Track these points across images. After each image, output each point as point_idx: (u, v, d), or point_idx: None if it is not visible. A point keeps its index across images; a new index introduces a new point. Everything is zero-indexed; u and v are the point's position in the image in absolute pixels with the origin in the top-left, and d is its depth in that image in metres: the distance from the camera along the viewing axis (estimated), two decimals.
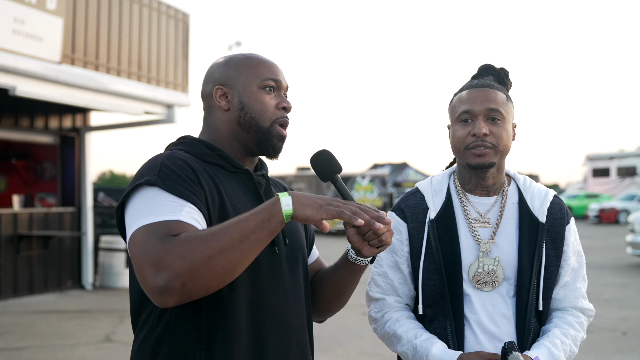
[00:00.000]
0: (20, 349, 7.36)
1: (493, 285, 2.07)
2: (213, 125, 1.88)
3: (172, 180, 1.65)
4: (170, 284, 1.48)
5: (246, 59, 1.88)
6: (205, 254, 1.48)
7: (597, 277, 13.34)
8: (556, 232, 2.13)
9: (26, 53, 8.42)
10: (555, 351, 2.02)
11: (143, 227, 1.56)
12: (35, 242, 11.01)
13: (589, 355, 7.13)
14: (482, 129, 2.03)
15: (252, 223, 1.53)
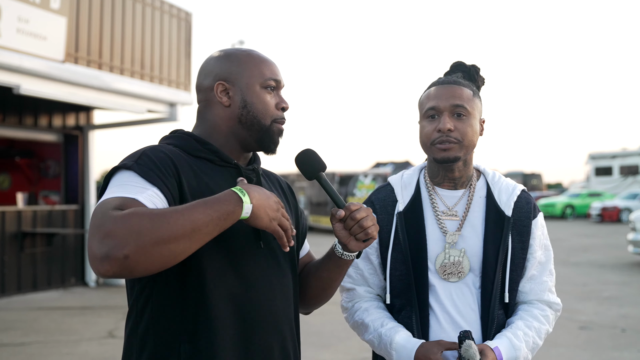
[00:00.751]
0: (25, 345, 7.44)
1: (459, 276, 2.12)
2: (210, 120, 1.88)
3: (147, 167, 1.67)
4: (113, 253, 1.45)
5: (248, 57, 1.89)
6: (155, 236, 1.47)
7: (598, 275, 13.39)
8: (522, 225, 2.17)
9: (30, 52, 8.49)
10: (517, 342, 2.05)
11: (102, 200, 1.58)
12: (39, 240, 11.10)
13: (588, 351, 7.18)
14: (447, 125, 2.08)
15: (207, 217, 1.53)
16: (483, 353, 1.99)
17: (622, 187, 37.22)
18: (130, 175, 1.66)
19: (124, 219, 1.48)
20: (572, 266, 14.97)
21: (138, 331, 1.73)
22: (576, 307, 9.87)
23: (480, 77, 2.25)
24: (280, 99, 1.90)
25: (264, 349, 1.78)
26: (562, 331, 8.21)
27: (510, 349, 2.05)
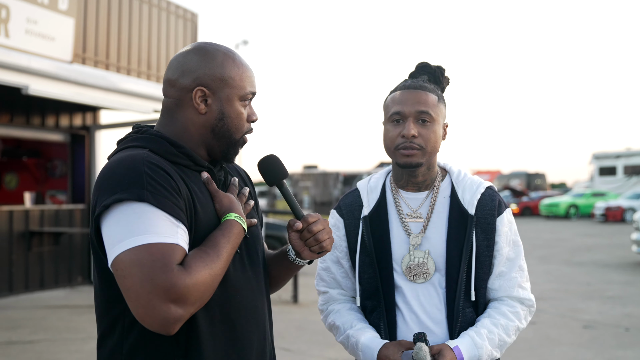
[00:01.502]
0: (33, 342, 7.52)
1: (425, 277, 2.15)
2: (181, 122, 1.80)
3: (161, 195, 1.60)
4: (186, 315, 1.54)
5: (232, 65, 1.81)
6: (212, 278, 1.59)
7: (602, 275, 13.42)
8: (487, 223, 2.17)
9: (39, 53, 8.58)
10: (479, 340, 2.07)
11: (145, 246, 1.53)
12: (46, 239, 11.18)
13: (591, 350, 7.23)
14: (411, 131, 2.11)
15: (232, 250, 1.68)
16: (441, 353, 2.02)
17: (626, 187, 37.18)
18: (147, 208, 1.58)
19: (189, 276, 1.53)
20: (575, 266, 15.01)
21: (124, 349, 1.69)
22: (580, 306, 9.92)
23: (445, 78, 2.26)
24: (252, 112, 1.87)
25: (252, 349, 1.82)
26: (565, 330, 8.27)
27: (472, 347, 2.06)
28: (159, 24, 10.97)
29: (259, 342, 1.85)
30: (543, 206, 36.79)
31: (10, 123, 11.11)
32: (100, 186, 1.65)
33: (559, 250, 18.56)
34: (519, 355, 7.01)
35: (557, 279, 12.92)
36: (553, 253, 17.87)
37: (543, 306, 9.86)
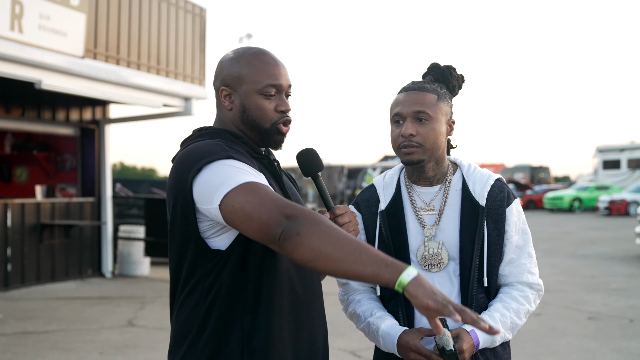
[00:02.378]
0: (48, 332, 7.66)
1: (439, 267, 2.27)
2: (222, 119, 2.07)
3: (241, 160, 1.86)
4: (291, 228, 1.67)
5: (250, 61, 2.02)
6: (326, 230, 1.68)
7: (606, 267, 13.53)
8: (497, 213, 2.29)
9: (51, 48, 8.69)
10: (492, 323, 2.19)
11: (249, 183, 1.76)
12: (57, 231, 11.32)
13: (596, 340, 7.35)
14: (408, 130, 2.23)
15: (372, 257, 1.65)
16: (459, 336, 2.13)
17: (630, 180, 37.23)
18: (237, 163, 1.84)
19: (304, 212, 1.70)
20: (580, 258, 15.12)
21: (203, 307, 1.91)
22: (584, 298, 10.04)
23: (454, 77, 2.36)
24: (280, 102, 2.03)
25: (308, 316, 2.03)
26: (571, 321, 8.38)
27: None
28: (168, 19, 11.08)
29: (314, 319, 2.05)
30: (547, 199, 36.86)
31: (21, 117, 11.25)
32: (184, 163, 1.89)
33: (564, 244, 18.66)
34: (525, 346, 7.13)
35: (562, 271, 13.04)
36: (558, 246, 17.98)
37: (548, 298, 9.97)
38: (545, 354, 6.82)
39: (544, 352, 6.92)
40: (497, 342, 2.24)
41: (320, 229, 1.67)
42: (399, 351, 2.21)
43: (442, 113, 2.29)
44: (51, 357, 6.58)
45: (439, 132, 2.27)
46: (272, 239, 1.71)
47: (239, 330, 1.89)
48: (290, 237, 1.68)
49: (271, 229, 1.71)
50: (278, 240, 1.69)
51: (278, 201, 1.73)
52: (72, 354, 6.71)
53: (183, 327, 1.96)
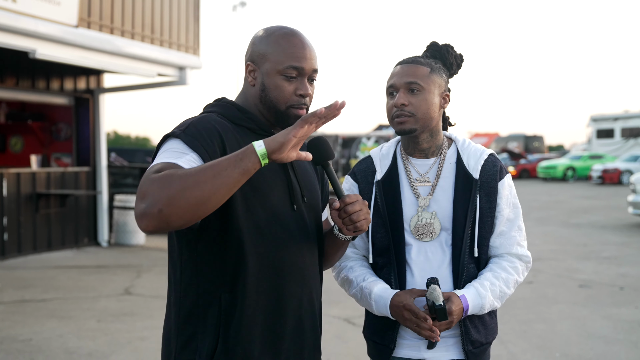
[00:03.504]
0: (46, 301, 7.74)
1: (431, 236, 2.34)
2: (245, 93, 2.10)
3: (192, 136, 1.87)
4: (148, 210, 1.66)
5: (278, 41, 2.03)
6: (181, 186, 1.65)
7: (598, 236, 13.66)
8: (489, 187, 2.36)
9: (45, 17, 8.66)
10: (482, 291, 2.28)
11: (149, 168, 1.79)
12: (52, 201, 11.37)
13: (587, 308, 7.47)
14: (400, 100, 2.30)
15: (225, 162, 1.70)
16: (449, 299, 2.22)
17: (624, 150, 37.33)
18: (175, 142, 1.88)
19: (159, 179, 1.68)
20: (572, 227, 15.25)
21: (182, 281, 1.97)
22: (576, 266, 10.16)
23: (451, 55, 2.43)
24: (300, 86, 2.03)
25: (294, 299, 2.03)
26: (562, 289, 8.50)
27: (476, 297, 2.27)
28: None
29: (300, 299, 2.05)
30: (540, 168, 36.97)
31: (15, 86, 11.22)
32: None
33: (557, 212, 18.79)
34: (517, 313, 7.24)
35: (555, 240, 13.16)
36: (550, 215, 18.11)
37: (540, 266, 10.09)
38: (536, 321, 6.94)
39: (535, 319, 7.04)
40: (485, 309, 2.32)
41: (169, 192, 1.67)
42: (392, 312, 2.28)
43: (435, 85, 2.35)
44: (50, 325, 6.66)
45: (430, 103, 2.33)
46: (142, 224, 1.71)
47: (217, 309, 1.93)
48: (156, 218, 1.68)
49: (138, 220, 1.71)
50: (146, 223, 1.70)
51: (143, 181, 1.72)
52: (70, 322, 6.80)
53: (169, 301, 2.04)
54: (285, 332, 2.02)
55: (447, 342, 2.34)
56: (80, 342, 6.11)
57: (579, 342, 6.17)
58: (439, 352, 2.33)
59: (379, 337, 2.42)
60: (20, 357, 5.68)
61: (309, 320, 2.10)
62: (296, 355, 2.06)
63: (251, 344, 1.95)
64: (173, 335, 2.00)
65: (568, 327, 6.71)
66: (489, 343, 2.40)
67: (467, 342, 2.32)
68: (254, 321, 1.95)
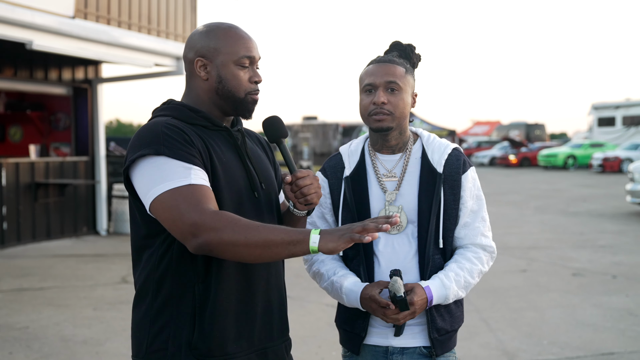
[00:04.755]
0: (44, 289, 7.85)
1: (398, 229, 2.43)
2: (194, 90, 2.15)
3: (175, 147, 1.94)
4: (203, 247, 1.84)
5: (226, 35, 2.12)
6: (233, 239, 1.82)
7: (595, 224, 13.71)
8: (453, 180, 2.45)
9: (42, 8, 8.72)
10: (447, 282, 2.36)
11: (167, 192, 1.88)
12: (51, 190, 11.46)
13: (578, 296, 7.55)
14: (381, 98, 2.38)
15: (280, 239, 1.82)
16: (413, 290, 2.30)
17: (625, 138, 37.30)
18: (165, 160, 1.94)
19: (211, 219, 1.84)
20: (570, 216, 15.30)
21: (156, 275, 2.05)
22: (571, 255, 10.22)
23: (415, 55, 2.51)
24: (254, 74, 2.15)
25: (262, 281, 2.14)
26: (555, 278, 8.58)
27: (441, 287, 2.35)
28: None
29: (267, 280, 2.17)
30: (541, 157, 36.99)
31: (14, 77, 11.29)
32: (130, 145, 2.03)
33: (555, 201, 18.84)
34: (508, 301, 7.33)
35: (552, 228, 13.22)
36: (549, 203, 18.16)
37: (535, 255, 10.18)
38: (527, 309, 7.02)
39: (526, 307, 7.12)
40: (450, 299, 2.39)
41: (227, 235, 1.83)
42: (362, 304, 2.37)
43: (409, 85, 2.44)
44: (46, 313, 6.76)
45: (406, 103, 2.42)
46: (195, 250, 1.88)
47: (191, 299, 2.02)
48: (206, 251, 1.86)
49: (190, 245, 1.87)
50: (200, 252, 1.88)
51: (187, 215, 1.85)
52: (66, 310, 6.89)
53: (141, 291, 2.11)
54: (257, 314, 2.13)
55: (414, 330, 2.42)
56: (75, 330, 6.21)
57: (568, 329, 6.25)
58: (405, 339, 2.42)
59: (349, 326, 2.50)
60: (17, 344, 5.78)
61: (276, 300, 2.21)
62: (267, 333, 2.17)
63: (226, 329, 2.05)
64: (145, 325, 2.08)
65: (558, 315, 6.79)
66: (455, 330, 2.48)
67: (433, 329, 2.40)
68: (227, 307, 2.05)
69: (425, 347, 2.42)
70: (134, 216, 2.08)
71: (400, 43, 2.53)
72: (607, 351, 5.63)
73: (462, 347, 5.73)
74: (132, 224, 2.13)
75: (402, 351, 2.42)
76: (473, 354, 5.61)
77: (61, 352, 5.60)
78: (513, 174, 33.16)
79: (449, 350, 2.47)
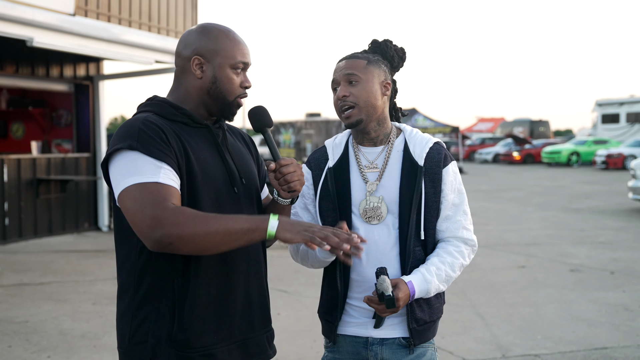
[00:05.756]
0: (44, 284, 7.91)
1: (379, 219, 2.47)
2: (184, 86, 2.20)
3: (149, 144, 1.99)
4: (162, 240, 1.88)
5: (226, 38, 2.19)
6: (193, 231, 1.88)
7: (596, 221, 13.71)
8: (434, 173, 2.49)
9: (42, 6, 8.78)
10: (428, 276, 2.40)
11: (133, 186, 1.94)
12: (53, 186, 11.53)
13: (574, 292, 7.58)
14: (341, 92, 2.45)
15: (238, 226, 1.91)
16: (397, 286, 2.33)
17: (629, 134, 37.23)
18: (137, 155, 1.99)
19: (171, 214, 1.89)
20: (572, 212, 15.31)
21: (136, 269, 2.11)
22: (570, 251, 10.25)
23: (390, 48, 2.55)
24: (245, 79, 2.22)
25: (242, 275, 2.19)
26: (553, 273, 8.60)
27: (423, 282, 2.39)
28: None
29: (248, 275, 2.21)
30: (545, 153, 36.94)
31: (15, 74, 11.36)
32: (111, 140, 2.11)
33: (558, 197, 18.85)
34: (504, 297, 7.36)
35: (553, 225, 13.23)
36: (551, 200, 18.17)
37: (534, 251, 10.21)
38: (523, 304, 7.05)
39: (522, 302, 7.15)
40: (432, 292, 2.44)
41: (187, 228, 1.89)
42: None
43: (373, 75, 2.48)
44: (46, 308, 6.83)
45: (370, 91, 2.46)
46: (152, 245, 1.92)
47: (170, 294, 2.07)
48: (165, 245, 1.90)
49: (148, 238, 1.91)
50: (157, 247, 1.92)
51: (149, 209, 1.90)
52: (66, 304, 6.96)
53: (123, 285, 2.17)
54: (237, 307, 2.18)
55: (393, 321, 2.46)
56: (74, 324, 6.27)
57: (562, 324, 6.29)
58: (385, 330, 2.46)
59: (329, 316, 2.55)
60: (16, 338, 5.84)
61: (256, 291, 2.25)
62: (247, 325, 2.21)
63: (205, 322, 2.10)
64: (127, 319, 2.13)
65: (553, 310, 6.83)
66: (434, 321, 2.53)
67: (412, 320, 2.44)
68: (206, 300, 2.10)
69: (404, 338, 2.46)
70: (116, 210, 2.13)
71: (376, 40, 2.58)
72: (601, 346, 5.67)
73: (456, 342, 5.78)
74: (115, 218, 2.18)
75: (382, 342, 2.47)
76: (466, 347, 5.65)
77: (59, 346, 5.66)
78: (516, 170, 33.14)
79: (427, 341, 2.51)
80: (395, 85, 2.61)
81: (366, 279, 2.44)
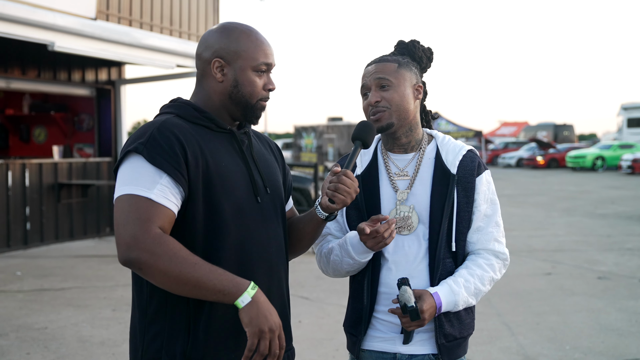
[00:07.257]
0: (64, 289, 7.87)
1: (409, 229, 2.35)
2: (206, 90, 2.12)
3: (155, 151, 1.91)
4: (133, 262, 1.83)
5: (247, 38, 2.10)
6: (166, 268, 1.82)
7: (623, 227, 13.48)
8: (467, 182, 2.37)
9: (64, 10, 8.77)
10: (456, 287, 2.28)
11: (125, 195, 1.89)
12: (74, 191, 11.52)
13: (603, 300, 7.40)
14: (373, 98, 2.35)
15: (211, 284, 1.84)
16: (421, 297, 2.21)
17: None
18: (139, 160, 1.93)
19: (150, 241, 1.83)
20: (598, 218, 15.07)
21: (148, 282, 2.01)
22: (597, 257, 10.04)
23: (418, 49, 2.46)
24: (268, 81, 2.13)
25: (263, 289, 2.04)
26: (580, 281, 8.42)
27: (450, 293, 2.27)
28: None
29: (269, 289, 2.09)
30: (569, 158, 36.55)
31: (37, 78, 11.37)
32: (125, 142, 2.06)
33: (583, 203, 18.58)
34: (531, 305, 7.20)
35: (579, 230, 13.02)
36: (576, 205, 17.92)
37: (560, 258, 10.01)
38: (550, 313, 6.89)
39: (549, 310, 6.99)
40: (460, 306, 2.31)
41: (162, 263, 1.82)
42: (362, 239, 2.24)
43: (405, 79, 2.38)
44: (65, 314, 6.77)
45: (402, 95, 2.36)
46: (122, 261, 1.88)
47: (185, 309, 1.98)
48: (135, 268, 1.86)
49: (121, 254, 1.87)
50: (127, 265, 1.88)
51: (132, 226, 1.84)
52: (86, 310, 6.90)
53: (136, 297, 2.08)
54: None
55: (422, 337, 2.34)
56: (94, 331, 6.21)
57: (591, 334, 6.12)
58: (413, 346, 2.34)
59: (354, 330, 2.43)
60: (35, 344, 5.79)
61: (278, 308, 2.13)
62: None
63: (222, 339, 2.00)
64: (139, 333, 2.04)
65: (581, 319, 6.66)
66: (464, 338, 2.40)
67: (441, 335, 2.32)
68: (224, 317, 2.00)
69: (434, 355, 2.35)
70: None
71: (403, 41, 2.49)
72: (632, 357, 5.50)
73: (481, 352, 5.64)
74: None
75: (410, 358, 2.35)
76: (493, 358, 5.50)
77: (78, 353, 5.60)
78: (540, 175, 32.82)
79: (458, 358, 2.39)
80: (425, 87, 2.50)
81: (395, 291, 2.32)
